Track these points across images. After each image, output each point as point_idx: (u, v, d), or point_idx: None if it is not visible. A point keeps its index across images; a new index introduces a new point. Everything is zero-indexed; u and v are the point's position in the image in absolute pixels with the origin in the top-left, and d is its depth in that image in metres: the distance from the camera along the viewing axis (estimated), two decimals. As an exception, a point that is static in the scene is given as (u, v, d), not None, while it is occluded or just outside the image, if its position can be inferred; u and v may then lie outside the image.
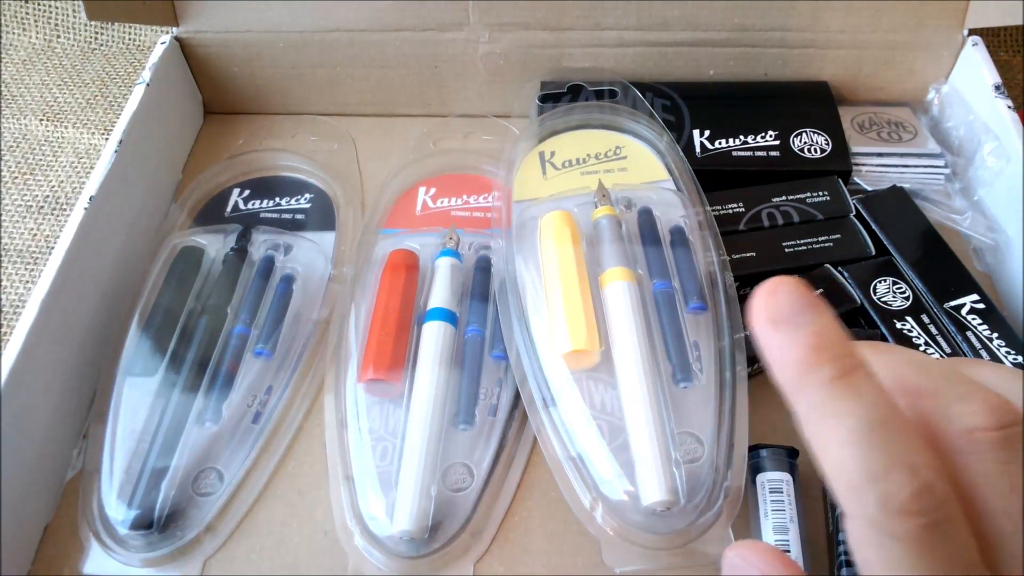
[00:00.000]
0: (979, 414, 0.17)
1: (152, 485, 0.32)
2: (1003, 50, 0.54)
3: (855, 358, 0.17)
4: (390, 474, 0.32)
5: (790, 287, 0.18)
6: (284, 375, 0.36)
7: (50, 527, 0.33)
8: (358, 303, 0.37)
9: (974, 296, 0.35)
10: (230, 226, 0.41)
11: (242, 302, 0.38)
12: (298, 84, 0.48)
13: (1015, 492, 0.17)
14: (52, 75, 0.56)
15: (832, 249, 0.37)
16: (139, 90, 0.43)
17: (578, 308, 0.32)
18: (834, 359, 0.17)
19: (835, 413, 0.17)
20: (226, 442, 0.34)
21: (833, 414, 0.17)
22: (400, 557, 0.31)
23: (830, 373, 0.17)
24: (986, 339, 0.33)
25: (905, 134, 0.44)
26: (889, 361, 0.19)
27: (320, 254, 0.40)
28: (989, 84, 0.41)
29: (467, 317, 0.36)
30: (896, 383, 0.18)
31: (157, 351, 0.36)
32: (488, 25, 0.45)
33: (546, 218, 0.36)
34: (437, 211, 0.42)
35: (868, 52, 0.45)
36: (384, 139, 0.48)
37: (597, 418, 0.31)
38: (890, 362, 0.18)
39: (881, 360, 0.18)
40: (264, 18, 0.45)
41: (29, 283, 0.44)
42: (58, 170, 0.50)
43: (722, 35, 0.45)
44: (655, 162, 0.41)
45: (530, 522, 0.32)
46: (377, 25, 0.45)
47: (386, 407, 0.34)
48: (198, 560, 0.32)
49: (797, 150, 0.42)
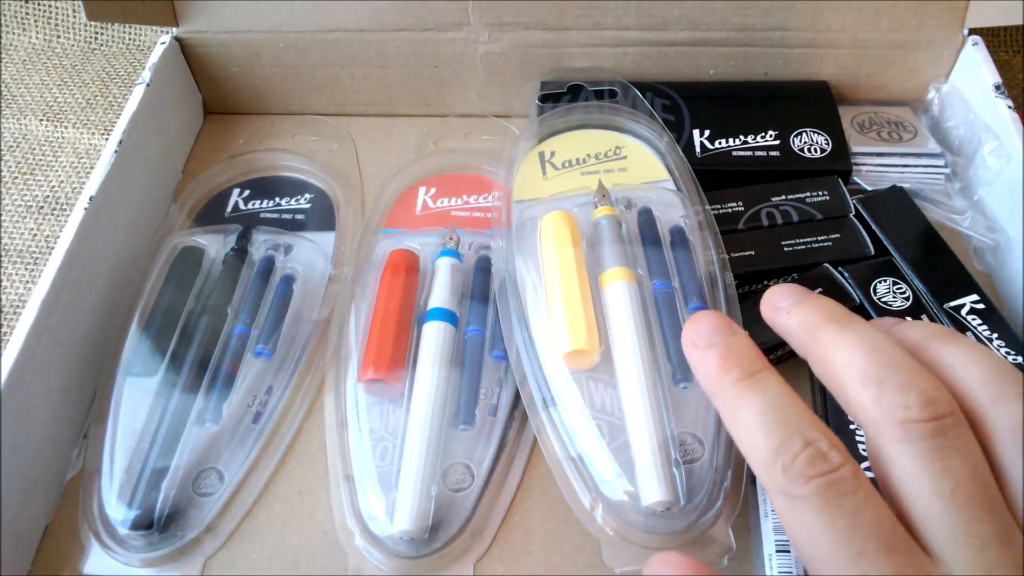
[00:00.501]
0: (913, 407, 0.19)
1: (152, 485, 0.32)
2: (1003, 50, 0.54)
3: (758, 364, 0.22)
4: (390, 474, 0.32)
5: (709, 317, 0.23)
6: (284, 375, 0.36)
7: (50, 527, 0.33)
8: (358, 303, 0.37)
9: (974, 296, 0.35)
10: (230, 226, 0.41)
11: (242, 302, 0.38)
12: (298, 84, 0.48)
13: (943, 477, 0.19)
14: (52, 75, 0.56)
15: (831, 249, 0.37)
16: (139, 90, 0.43)
17: (578, 308, 0.32)
18: (739, 365, 0.22)
19: (743, 405, 0.21)
20: (226, 442, 0.34)
21: (742, 406, 0.21)
22: (400, 557, 0.31)
23: (736, 375, 0.21)
24: (986, 339, 0.33)
25: (905, 134, 0.44)
26: (848, 343, 0.21)
27: (320, 254, 0.40)
28: (989, 84, 0.41)
29: (467, 317, 0.36)
30: (850, 368, 0.21)
31: (157, 351, 0.36)
32: (488, 25, 0.45)
33: (546, 218, 0.36)
34: (437, 211, 0.42)
35: (868, 52, 0.45)
36: (384, 139, 0.48)
37: (597, 418, 0.31)
38: (849, 344, 0.21)
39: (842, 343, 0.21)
40: (264, 18, 0.45)
41: (29, 283, 0.44)
42: (58, 170, 0.50)
43: (722, 35, 0.45)
44: (655, 162, 0.41)
45: (530, 522, 0.32)
46: (377, 25, 0.45)
47: (386, 407, 0.34)
48: (198, 560, 0.32)
49: (797, 150, 0.42)
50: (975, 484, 0.19)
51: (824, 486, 0.19)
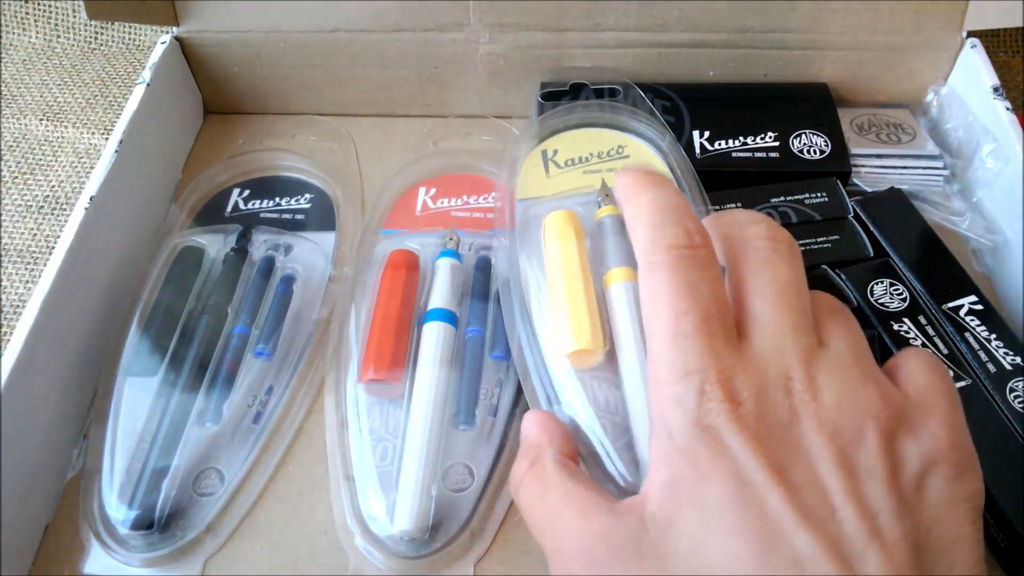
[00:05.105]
0: (763, 235, 0.25)
1: (153, 485, 0.32)
2: (1002, 51, 0.54)
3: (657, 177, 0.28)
4: (390, 474, 0.32)
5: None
6: (284, 375, 0.36)
7: (50, 527, 0.33)
8: (358, 303, 0.37)
9: (972, 297, 0.35)
10: (230, 226, 0.41)
11: (242, 302, 0.38)
12: (298, 84, 0.48)
13: (772, 282, 0.24)
14: (52, 75, 0.56)
15: (830, 250, 0.37)
16: (139, 90, 0.43)
17: (582, 307, 0.32)
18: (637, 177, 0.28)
19: (636, 203, 0.26)
20: (226, 442, 0.34)
21: (635, 204, 0.26)
22: (400, 557, 0.31)
23: (635, 186, 0.27)
24: (984, 340, 0.33)
25: (904, 136, 0.44)
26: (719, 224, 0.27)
27: (320, 254, 0.40)
28: (988, 86, 0.41)
29: (467, 317, 0.36)
30: (721, 231, 0.26)
31: (157, 351, 0.36)
32: (488, 25, 0.45)
33: (550, 217, 0.36)
34: (437, 211, 0.42)
35: (867, 54, 0.45)
36: (384, 139, 0.48)
37: (601, 417, 0.31)
38: (720, 224, 0.27)
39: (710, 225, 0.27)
40: (264, 18, 0.45)
41: (29, 283, 0.44)
42: (58, 170, 0.50)
43: (722, 36, 0.45)
44: (657, 161, 0.41)
45: (530, 522, 0.32)
46: (377, 25, 0.45)
47: (386, 407, 0.34)
48: (198, 560, 0.32)
49: (796, 151, 0.42)
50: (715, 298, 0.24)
51: (679, 256, 0.23)
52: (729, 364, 0.22)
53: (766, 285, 0.24)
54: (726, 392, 0.22)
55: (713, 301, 0.23)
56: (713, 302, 0.23)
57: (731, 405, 0.21)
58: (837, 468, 0.20)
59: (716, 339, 0.22)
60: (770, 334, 0.23)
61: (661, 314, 0.23)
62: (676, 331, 0.23)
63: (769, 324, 0.23)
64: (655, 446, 0.23)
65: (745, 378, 0.22)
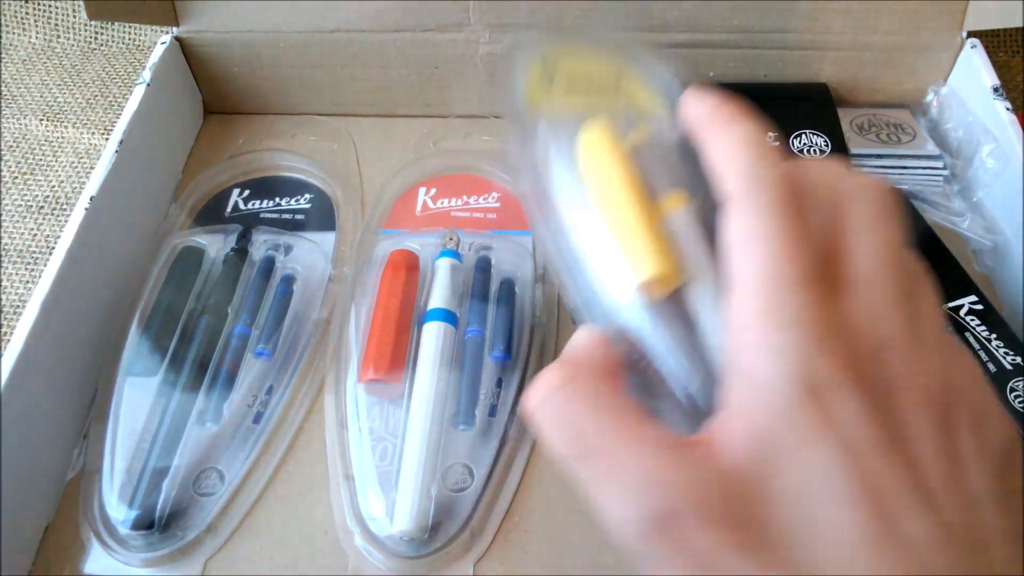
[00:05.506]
0: (872, 188, 0.23)
1: (153, 485, 0.32)
2: (1002, 51, 0.54)
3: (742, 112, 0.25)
4: (390, 474, 0.32)
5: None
6: (284, 375, 0.36)
7: (50, 527, 0.33)
8: (358, 303, 0.37)
9: (972, 297, 0.35)
10: (230, 226, 0.41)
11: (242, 302, 0.38)
12: (298, 84, 0.48)
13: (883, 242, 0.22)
14: (52, 75, 0.56)
15: (831, 250, 0.37)
16: (139, 90, 0.43)
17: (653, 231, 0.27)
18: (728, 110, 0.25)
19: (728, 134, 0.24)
20: (227, 442, 0.34)
21: (727, 134, 0.24)
22: (400, 557, 0.31)
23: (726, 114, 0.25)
24: (984, 340, 0.33)
25: (904, 136, 0.44)
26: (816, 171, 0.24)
27: (320, 254, 0.40)
28: (988, 86, 0.41)
29: (467, 317, 0.36)
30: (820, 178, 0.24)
31: (157, 351, 0.36)
32: (488, 25, 0.45)
33: (587, 134, 0.28)
34: (437, 211, 0.42)
35: (867, 54, 0.45)
36: (384, 139, 0.48)
37: None
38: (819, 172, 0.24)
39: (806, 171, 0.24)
40: (264, 18, 0.45)
41: (29, 283, 0.44)
42: (58, 170, 0.50)
43: (721, 37, 0.45)
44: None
45: (530, 522, 0.32)
46: (377, 25, 0.45)
47: (386, 407, 0.34)
48: (199, 560, 0.32)
49: (797, 151, 0.42)
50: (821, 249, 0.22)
51: (785, 199, 0.22)
52: (835, 321, 0.21)
53: (875, 244, 0.22)
54: (832, 350, 0.20)
55: (818, 251, 0.21)
56: (818, 252, 0.21)
57: (839, 364, 0.20)
58: (940, 450, 0.19)
59: (821, 292, 0.21)
60: (877, 296, 0.21)
61: (760, 257, 0.21)
62: (778, 277, 0.21)
63: (876, 285, 0.22)
64: (740, 393, 0.21)
65: (850, 338, 0.20)
